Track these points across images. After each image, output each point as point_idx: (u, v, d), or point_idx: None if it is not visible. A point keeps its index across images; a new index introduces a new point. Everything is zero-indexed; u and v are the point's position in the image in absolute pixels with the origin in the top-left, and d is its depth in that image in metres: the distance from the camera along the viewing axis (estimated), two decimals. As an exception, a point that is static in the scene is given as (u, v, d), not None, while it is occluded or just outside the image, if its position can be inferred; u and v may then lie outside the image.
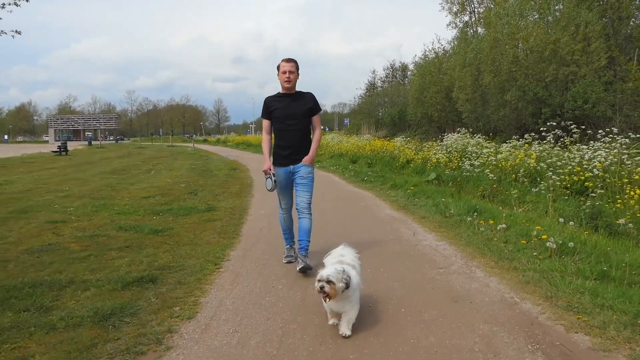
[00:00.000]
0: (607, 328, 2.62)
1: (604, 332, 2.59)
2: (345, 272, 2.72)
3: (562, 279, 3.40)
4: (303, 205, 4.08)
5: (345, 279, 2.68)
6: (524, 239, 4.55)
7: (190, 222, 6.26)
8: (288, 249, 4.38)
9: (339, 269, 2.72)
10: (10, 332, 2.74)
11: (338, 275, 2.67)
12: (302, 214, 4.10)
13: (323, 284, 2.65)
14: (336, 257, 3.07)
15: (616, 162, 6.56)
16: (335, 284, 2.64)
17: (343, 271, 2.71)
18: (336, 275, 2.66)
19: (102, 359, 2.45)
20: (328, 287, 2.64)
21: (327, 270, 2.72)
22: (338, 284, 2.65)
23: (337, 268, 2.73)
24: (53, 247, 4.80)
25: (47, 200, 8.41)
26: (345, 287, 2.68)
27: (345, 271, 2.72)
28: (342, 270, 2.71)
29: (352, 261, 3.05)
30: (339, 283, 2.66)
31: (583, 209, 5.44)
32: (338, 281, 2.65)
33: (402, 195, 8.11)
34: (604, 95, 16.38)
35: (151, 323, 2.91)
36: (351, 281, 2.72)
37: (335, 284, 2.64)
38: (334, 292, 2.65)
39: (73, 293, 3.41)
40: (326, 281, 2.64)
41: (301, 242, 4.09)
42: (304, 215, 4.09)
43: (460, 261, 4.12)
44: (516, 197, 6.83)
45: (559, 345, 2.49)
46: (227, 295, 3.43)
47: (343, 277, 2.67)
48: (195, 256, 4.46)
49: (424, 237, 5.11)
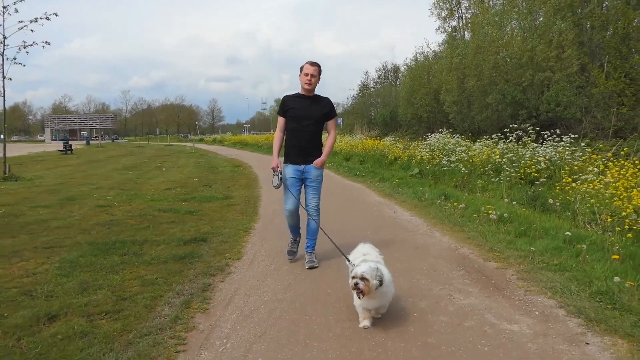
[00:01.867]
0: (509, 259, 4.12)
1: (506, 260, 4.10)
2: (378, 269, 2.75)
3: (492, 236, 4.91)
4: (312, 207, 4.22)
5: (378, 276, 2.71)
6: (475, 214, 6.05)
7: (214, 207, 7.68)
8: (292, 241, 4.50)
9: (372, 267, 2.74)
10: (122, 265, 4.16)
11: (372, 272, 2.70)
12: (311, 216, 4.23)
13: (357, 280, 2.69)
14: (359, 257, 3.11)
15: (560, 158, 8.09)
16: (369, 280, 2.68)
17: (377, 269, 2.74)
18: (370, 273, 2.69)
19: (190, 276, 3.88)
20: (362, 284, 2.68)
21: (362, 268, 2.74)
22: (372, 281, 2.69)
23: (370, 265, 2.76)
24: (115, 222, 6.21)
25: (83, 191, 9.77)
26: (379, 285, 2.72)
27: (378, 269, 2.76)
28: (375, 268, 2.74)
29: (376, 258, 3.12)
30: (373, 280, 2.69)
31: (527, 193, 6.97)
32: (372, 278, 2.68)
33: (388, 186, 9.60)
34: (574, 98, 18.03)
35: (213, 261, 4.35)
36: (384, 278, 2.77)
37: (370, 281, 2.68)
38: (367, 289, 2.69)
39: (150, 247, 4.84)
40: (360, 278, 2.68)
41: (308, 240, 4.31)
42: (312, 218, 4.22)
43: (425, 228, 5.62)
44: (481, 186, 8.35)
45: (477, 268, 3.98)
46: (260, 248, 4.88)
47: (377, 275, 2.71)
48: (228, 227, 5.90)
49: (402, 215, 6.61)
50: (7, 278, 3.78)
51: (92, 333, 2.77)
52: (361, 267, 2.73)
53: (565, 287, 3.33)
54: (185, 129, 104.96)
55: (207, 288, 3.60)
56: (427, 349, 2.56)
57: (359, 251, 3.25)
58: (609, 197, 5.49)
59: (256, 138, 43.78)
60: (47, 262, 4.24)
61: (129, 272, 3.96)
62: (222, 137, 55.96)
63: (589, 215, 5.38)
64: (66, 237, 5.27)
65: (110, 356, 2.50)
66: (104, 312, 3.09)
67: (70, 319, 2.96)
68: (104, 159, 23.59)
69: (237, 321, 3.01)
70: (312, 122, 4.15)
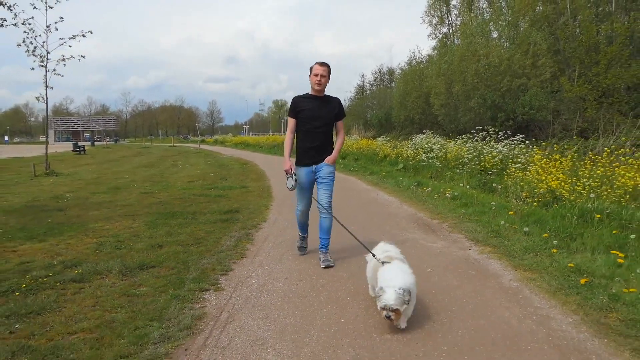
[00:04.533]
0: (447, 218, 6.15)
1: (446, 219, 6.12)
2: (405, 291, 2.71)
3: (443, 207, 6.93)
4: (324, 204, 4.25)
5: (406, 299, 2.70)
6: (437, 194, 8.07)
7: (236, 193, 9.66)
8: (301, 238, 4.64)
9: (399, 292, 2.70)
10: (186, 224, 6.13)
11: (400, 299, 2.68)
12: (323, 213, 4.30)
13: (389, 313, 2.69)
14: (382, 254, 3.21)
15: (509, 153, 10.12)
16: (400, 310, 2.69)
17: (403, 292, 2.70)
18: (399, 301, 2.67)
19: (235, 229, 5.86)
20: (394, 315, 2.70)
21: (390, 297, 2.69)
22: (402, 307, 2.68)
23: (397, 291, 2.70)
24: (164, 203, 8.18)
25: (122, 183, 11.74)
26: (407, 303, 2.71)
27: (405, 291, 2.72)
28: (402, 293, 2.70)
29: (397, 255, 3.19)
30: (403, 306, 2.69)
31: (481, 180, 9.00)
32: (401, 305, 2.68)
33: (376, 178, 11.62)
34: (546, 102, 20.13)
35: (247, 222, 6.32)
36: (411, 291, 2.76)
37: (400, 310, 2.69)
38: (398, 316, 2.73)
39: (200, 215, 6.81)
40: (391, 310, 2.69)
41: (322, 240, 4.37)
42: (325, 215, 4.29)
43: (397, 203, 7.65)
44: (449, 176, 10.38)
45: (425, 222, 5.99)
46: (279, 216, 6.86)
47: (405, 300, 2.69)
48: (252, 204, 7.89)
49: (382, 196, 8.63)
50: (117, 229, 5.76)
51: (189, 252, 4.75)
52: (389, 296, 2.70)
53: (473, 229, 5.36)
54: (185, 130, 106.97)
55: (248, 234, 5.60)
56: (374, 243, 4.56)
57: (381, 248, 3.37)
58: (532, 181, 7.51)
59: (257, 139, 45.65)
60: (135, 222, 6.23)
61: (193, 227, 5.95)
62: (224, 138, 57.83)
63: (516, 193, 7.41)
64: (136, 210, 7.26)
65: (206, 258, 4.48)
66: (189, 244, 5.06)
67: (171, 247, 4.93)
68: (118, 159, 25.50)
69: (271, 247, 5.01)
70: (324, 123, 4.20)
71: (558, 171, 7.79)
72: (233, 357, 2.55)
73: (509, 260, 4.17)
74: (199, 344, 2.70)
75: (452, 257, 4.40)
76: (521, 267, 3.95)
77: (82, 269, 4.05)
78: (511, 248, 4.49)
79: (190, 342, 2.72)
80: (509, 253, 4.37)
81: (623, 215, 5.19)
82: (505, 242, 4.72)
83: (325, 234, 4.36)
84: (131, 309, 3.17)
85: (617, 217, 5.19)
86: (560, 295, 3.30)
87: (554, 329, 2.79)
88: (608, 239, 4.50)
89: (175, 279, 3.80)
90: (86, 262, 4.26)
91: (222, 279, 3.88)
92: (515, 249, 4.43)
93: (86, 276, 3.87)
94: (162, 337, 2.73)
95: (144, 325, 2.90)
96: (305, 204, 4.42)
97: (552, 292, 3.37)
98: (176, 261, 4.35)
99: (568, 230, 4.95)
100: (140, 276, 3.90)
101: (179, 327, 2.89)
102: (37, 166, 14.16)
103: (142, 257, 4.47)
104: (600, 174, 6.95)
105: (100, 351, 2.56)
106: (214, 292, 3.58)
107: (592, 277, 3.54)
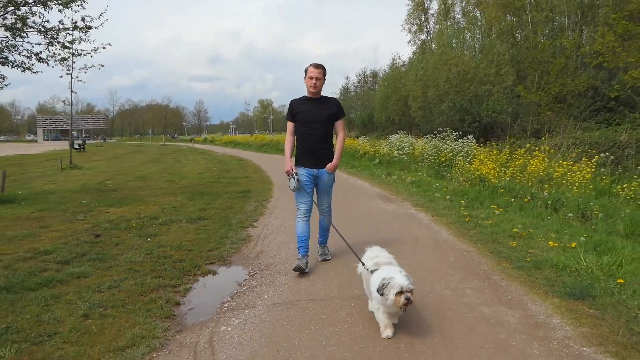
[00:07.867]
0: (402, 194, 8.65)
1: (401, 194, 8.63)
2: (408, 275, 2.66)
3: (402, 188, 9.42)
4: (324, 208, 4.47)
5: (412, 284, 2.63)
6: (400, 181, 10.56)
7: (243, 181, 11.98)
8: (300, 258, 4.20)
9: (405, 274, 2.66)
10: (213, 199, 8.46)
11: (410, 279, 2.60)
12: (323, 215, 4.49)
13: (407, 294, 2.56)
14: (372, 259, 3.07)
15: (460, 150, 12.70)
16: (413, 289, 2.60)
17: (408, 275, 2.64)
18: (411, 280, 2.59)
19: (251, 201, 8.22)
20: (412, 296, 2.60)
21: (402, 280, 2.59)
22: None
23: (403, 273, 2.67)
24: (189, 187, 10.46)
25: (143, 173, 13.94)
26: None
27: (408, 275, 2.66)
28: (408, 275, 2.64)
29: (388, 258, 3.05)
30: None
31: (436, 170, 11.55)
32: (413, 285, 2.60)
33: (355, 171, 14.10)
34: (506, 107, 22.93)
35: (259, 198, 8.69)
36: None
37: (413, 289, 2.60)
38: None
39: (222, 194, 9.12)
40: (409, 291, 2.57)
41: (320, 236, 4.60)
42: (325, 216, 4.47)
43: (368, 187, 10.14)
44: (414, 168, 12.91)
45: (386, 196, 8.46)
46: (281, 195, 9.21)
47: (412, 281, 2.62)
48: (259, 188, 10.25)
49: (358, 183, 11.11)
50: (168, 202, 8.07)
51: (226, 212, 7.08)
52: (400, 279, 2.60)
53: (417, 200, 7.86)
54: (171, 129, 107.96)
55: (262, 204, 7.96)
56: (350, 208, 7.00)
57: (368, 255, 3.19)
58: (471, 170, 10.07)
59: (246, 138, 47.58)
60: (177, 198, 8.54)
61: (221, 200, 8.29)
62: (213, 137, 59.51)
63: (457, 178, 9.96)
64: (172, 191, 9.56)
65: (239, 215, 6.84)
66: (223, 209, 7.40)
67: (212, 210, 7.26)
68: (120, 156, 27.40)
69: (280, 210, 7.39)
70: (320, 124, 4.18)
71: (493, 163, 10.37)
72: (272, 249, 4.96)
73: (431, 213, 6.70)
74: (253, 244, 5.10)
75: (398, 213, 6.88)
76: (436, 215, 6.48)
77: (162, 219, 6.38)
78: (435, 207, 7.01)
79: (246, 244, 5.12)
80: (433, 210, 6.90)
81: (516, 189, 7.77)
82: (433, 204, 7.24)
83: (323, 232, 4.60)
84: (207, 234, 5.53)
85: (513, 190, 7.76)
86: (451, 225, 5.82)
87: (441, 237, 5.27)
88: (499, 202, 7.04)
89: (225, 223, 6.18)
90: (161, 216, 6.59)
91: (254, 223, 6.28)
92: (438, 208, 6.96)
93: (167, 222, 6.21)
94: (232, 242, 5.12)
95: (219, 238, 5.28)
96: (306, 204, 4.31)
97: (447, 224, 5.89)
98: (220, 217, 6.71)
99: (479, 199, 7.48)
100: (202, 223, 6.26)
101: (239, 239, 5.28)
102: (62, 160, 16.22)
103: (197, 214, 6.82)
104: (519, 164, 9.55)
105: (203, 245, 4.94)
106: (252, 228, 5.98)
107: (474, 218, 6.04)
